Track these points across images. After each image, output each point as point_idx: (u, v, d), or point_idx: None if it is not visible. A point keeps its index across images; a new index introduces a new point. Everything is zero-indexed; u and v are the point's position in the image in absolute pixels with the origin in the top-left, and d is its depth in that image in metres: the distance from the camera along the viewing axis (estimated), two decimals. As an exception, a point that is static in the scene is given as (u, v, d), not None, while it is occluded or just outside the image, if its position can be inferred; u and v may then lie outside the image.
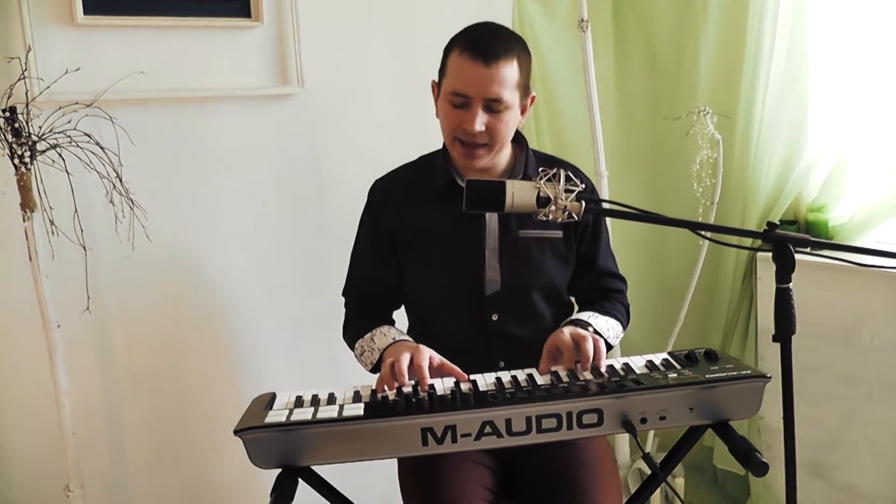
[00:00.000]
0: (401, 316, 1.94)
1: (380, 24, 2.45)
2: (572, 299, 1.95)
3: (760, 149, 2.54)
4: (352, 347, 1.84)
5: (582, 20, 2.53)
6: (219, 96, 2.20)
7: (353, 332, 1.83)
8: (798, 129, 2.53)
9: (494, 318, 1.78)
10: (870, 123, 2.38)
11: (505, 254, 1.78)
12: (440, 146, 1.85)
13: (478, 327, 1.79)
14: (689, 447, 1.51)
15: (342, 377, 2.36)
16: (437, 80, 1.78)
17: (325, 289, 2.35)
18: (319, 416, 1.36)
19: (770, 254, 2.51)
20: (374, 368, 1.72)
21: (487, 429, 1.36)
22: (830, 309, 2.38)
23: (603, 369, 1.50)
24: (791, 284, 1.58)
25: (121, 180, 1.92)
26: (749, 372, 1.43)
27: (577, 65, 2.64)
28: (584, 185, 1.53)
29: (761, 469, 1.29)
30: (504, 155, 1.79)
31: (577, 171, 1.79)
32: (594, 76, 2.56)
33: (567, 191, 1.52)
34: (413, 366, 1.50)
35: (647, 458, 1.35)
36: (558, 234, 1.81)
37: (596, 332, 1.69)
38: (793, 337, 2.58)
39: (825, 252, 1.51)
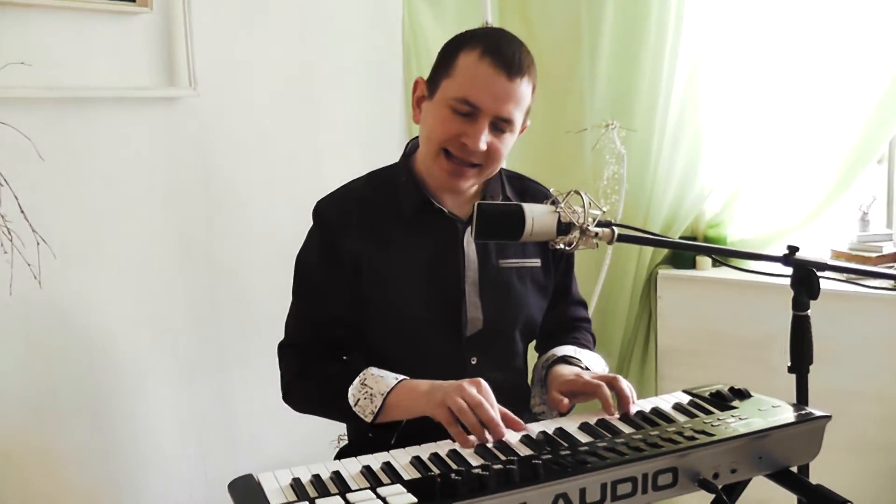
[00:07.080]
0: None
1: (278, 20, 2.11)
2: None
3: (661, 166, 2.51)
4: (319, 404, 1.51)
5: (486, 24, 2.36)
6: (97, 97, 1.76)
7: (325, 381, 1.49)
8: (694, 153, 2.54)
9: (473, 361, 1.55)
10: (763, 157, 2.45)
11: (486, 288, 1.55)
12: (337, 162, 1.61)
13: (454, 374, 1.52)
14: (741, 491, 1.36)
15: (237, 432, 2.03)
16: (426, 77, 1.50)
17: (216, 331, 2.01)
18: (364, 510, 1.06)
19: (670, 270, 2.48)
20: (373, 419, 1.41)
21: (560, 503, 1.14)
22: (742, 325, 2.39)
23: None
24: (809, 312, 1.51)
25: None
26: (810, 412, 1.32)
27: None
28: (605, 209, 1.36)
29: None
30: None
31: (547, 192, 1.61)
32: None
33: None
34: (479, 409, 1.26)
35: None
36: (537, 262, 1.62)
37: (586, 368, 1.52)
38: (701, 353, 2.55)
39: (843, 276, 1.45)
